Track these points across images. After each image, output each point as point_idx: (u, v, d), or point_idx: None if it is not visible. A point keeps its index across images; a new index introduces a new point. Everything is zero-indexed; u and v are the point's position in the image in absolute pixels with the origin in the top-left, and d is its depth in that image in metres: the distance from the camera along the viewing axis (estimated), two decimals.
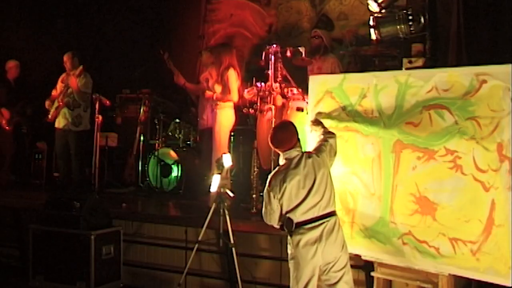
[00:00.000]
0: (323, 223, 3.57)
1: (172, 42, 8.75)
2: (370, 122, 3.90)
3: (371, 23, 4.80)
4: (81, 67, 6.80)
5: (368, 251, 3.92)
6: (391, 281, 3.97)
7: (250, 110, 5.94)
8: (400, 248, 3.72)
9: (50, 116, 7.00)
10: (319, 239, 3.55)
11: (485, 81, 3.38)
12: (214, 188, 4.61)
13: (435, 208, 3.56)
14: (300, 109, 5.65)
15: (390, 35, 4.78)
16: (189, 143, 7.43)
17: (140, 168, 7.45)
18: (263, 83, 5.76)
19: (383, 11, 4.77)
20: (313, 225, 3.56)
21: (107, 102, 6.78)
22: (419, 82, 3.68)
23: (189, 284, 5.07)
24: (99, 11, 8.90)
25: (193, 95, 7.19)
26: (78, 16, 8.91)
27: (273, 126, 5.38)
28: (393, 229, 3.75)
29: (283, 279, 4.61)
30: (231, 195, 4.70)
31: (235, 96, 6.06)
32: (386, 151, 3.81)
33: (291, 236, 3.63)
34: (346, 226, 3.95)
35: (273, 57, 5.71)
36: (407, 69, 4.51)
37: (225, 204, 4.63)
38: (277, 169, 3.77)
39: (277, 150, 3.85)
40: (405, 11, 4.66)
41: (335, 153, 3.84)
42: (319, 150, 3.78)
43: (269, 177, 3.75)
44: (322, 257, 3.57)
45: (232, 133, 6.53)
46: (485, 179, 3.36)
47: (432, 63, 4.54)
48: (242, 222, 5.16)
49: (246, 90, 5.95)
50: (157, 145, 7.34)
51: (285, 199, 3.62)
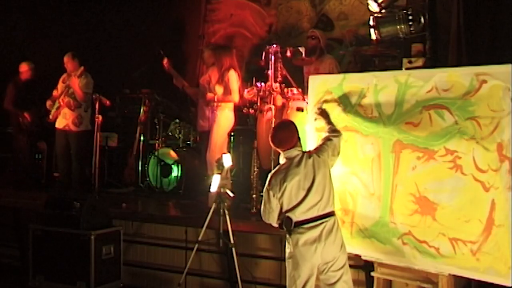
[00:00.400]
0: (322, 223, 3.58)
1: (172, 42, 8.76)
2: (370, 122, 3.90)
3: (371, 23, 4.80)
4: (82, 68, 6.82)
5: (368, 251, 3.92)
6: (391, 281, 3.97)
7: (250, 110, 5.93)
8: (400, 248, 3.72)
9: (51, 116, 7.00)
10: (318, 239, 3.55)
11: (485, 81, 3.38)
12: (214, 188, 4.61)
13: (435, 208, 3.56)
14: (300, 109, 5.64)
15: (390, 35, 4.79)
16: (189, 143, 7.43)
17: (140, 168, 7.44)
18: (263, 83, 5.76)
19: (383, 11, 4.77)
20: (312, 224, 3.57)
21: (107, 102, 6.78)
22: (419, 82, 3.68)
23: (189, 284, 5.07)
24: (99, 11, 8.90)
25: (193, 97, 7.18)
26: (78, 16, 8.91)
27: (274, 125, 5.40)
28: (393, 229, 3.75)
29: (283, 279, 4.59)
30: (231, 195, 4.70)
31: (236, 96, 6.05)
32: (385, 151, 3.81)
33: (290, 235, 3.64)
34: (346, 226, 3.95)
35: (273, 57, 5.70)
36: (407, 69, 4.51)
37: (225, 204, 4.63)
38: (277, 168, 3.78)
39: (277, 149, 3.85)
40: (405, 11, 4.66)
41: (338, 153, 3.83)
42: (320, 150, 3.78)
43: (269, 176, 3.76)
44: (321, 256, 3.58)
45: (232, 133, 6.53)
46: (485, 179, 3.36)
47: (432, 63, 4.54)
48: (242, 222, 5.16)
49: (246, 90, 5.94)
50: (157, 145, 7.34)
51: (285, 198, 3.63)
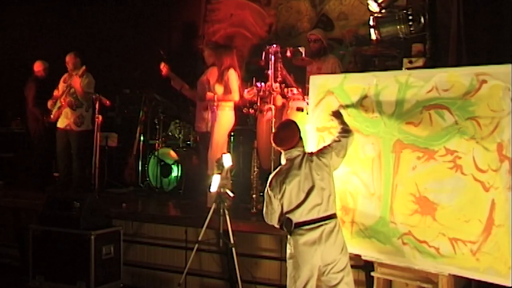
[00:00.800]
0: (323, 225, 3.56)
1: (172, 42, 8.76)
2: (370, 122, 3.90)
3: (371, 23, 4.80)
4: (84, 67, 6.82)
5: (368, 251, 3.92)
6: (391, 281, 3.97)
7: (250, 110, 5.93)
8: (400, 248, 3.72)
9: (52, 116, 7.01)
10: (318, 241, 3.54)
11: (485, 81, 3.38)
12: (214, 188, 4.61)
13: (435, 208, 3.55)
14: (300, 109, 5.65)
15: (390, 35, 4.78)
16: (189, 143, 7.42)
17: (140, 168, 7.44)
18: (263, 83, 5.76)
19: (383, 11, 4.77)
20: (312, 226, 3.56)
21: (107, 102, 6.78)
22: (420, 82, 3.68)
23: (189, 284, 5.07)
24: (99, 11, 8.90)
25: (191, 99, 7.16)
26: (78, 16, 8.91)
27: (276, 124, 5.39)
28: (393, 229, 3.75)
29: (283, 279, 4.60)
30: (231, 195, 4.70)
31: (236, 95, 6.05)
32: (386, 151, 3.81)
33: (291, 235, 3.64)
34: (346, 226, 3.95)
35: (273, 57, 5.70)
36: (407, 69, 4.51)
37: (225, 204, 4.63)
38: (278, 169, 3.77)
39: (278, 148, 3.84)
40: (405, 11, 4.66)
41: (345, 154, 3.75)
42: (323, 152, 3.73)
43: (270, 177, 3.75)
44: (321, 258, 3.57)
45: (232, 133, 6.52)
46: (485, 179, 3.36)
47: (432, 63, 4.54)
48: (242, 222, 5.15)
49: (246, 90, 5.94)
50: (157, 145, 7.33)
51: (285, 200, 3.63)
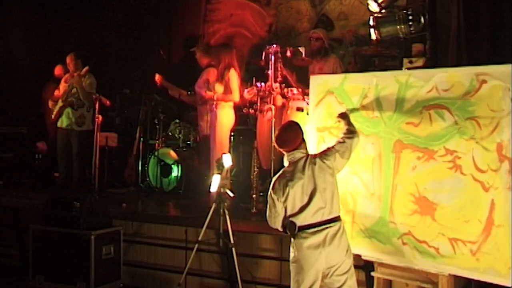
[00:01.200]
0: (326, 228, 3.53)
1: (172, 42, 8.76)
2: (370, 122, 3.90)
3: (371, 23, 4.79)
4: (86, 68, 6.83)
5: (368, 251, 3.91)
6: (391, 281, 3.97)
7: (250, 110, 5.94)
8: (400, 248, 3.71)
9: (53, 116, 7.01)
10: (322, 244, 3.51)
11: (485, 81, 3.38)
12: (214, 188, 4.61)
13: (434, 208, 3.55)
14: (300, 109, 5.65)
15: (390, 35, 4.78)
16: (189, 143, 7.42)
17: (140, 168, 7.43)
18: (263, 83, 5.76)
19: (383, 11, 4.77)
20: (316, 229, 3.53)
21: (107, 102, 6.79)
22: (420, 82, 3.68)
23: (189, 284, 5.07)
24: (99, 11, 8.90)
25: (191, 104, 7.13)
26: (78, 16, 8.91)
27: (277, 124, 5.40)
28: (393, 229, 3.75)
29: (283, 279, 4.61)
30: (231, 195, 4.70)
31: (236, 96, 6.06)
32: (386, 151, 3.81)
33: (294, 239, 3.60)
34: (346, 226, 3.92)
35: (273, 57, 5.70)
36: (407, 69, 4.51)
37: (225, 204, 4.63)
38: (281, 171, 3.73)
39: (281, 150, 3.81)
40: (405, 11, 4.66)
41: (350, 156, 3.71)
42: (326, 154, 3.68)
43: (273, 180, 3.72)
44: (325, 261, 3.54)
45: (232, 133, 6.52)
46: (485, 179, 3.36)
47: (432, 63, 4.54)
48: (242, 222, 5.14)
49: (246, 90, 5.94)
50: (157, 145, 7.33)
51: (288, 203, 3.59)
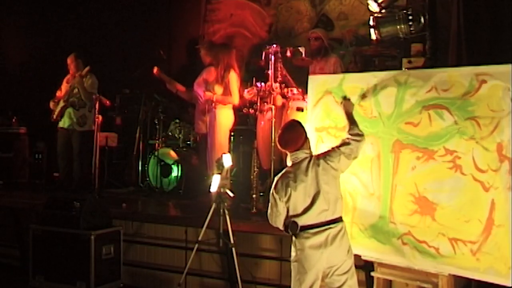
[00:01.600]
0: (328, 228, 3.52)
1: (172, 42, 8.76)
2: (369, 122, 3.89)
3: (371, 23, 4.80)
4: (87, 68, 6.84)
5: (368, 251, 3.91)
6: (391, 281, 3.97)
7: (250, 110, 5.93)
8: (400, 248, 3.71)
9: (54, 116, 7.02)
10: (324, 244, 3.50)
11: (484, 81, 3.38)
12: (214, 188, 4.61)
13: (434, 208, 3.55)
14: (300, 109, 5.64)
15: (390, 35, 4.79)
16: (189, 143, 7.42)
17: (140, 168, 7.44)
18: (263, 83, 5.75)
19: (383, 11, 4.77)
20: (318, 230, 3.51)
21: (107, 102, 6.79)
22: (419, 82, 3.68)
23: (189, 284, 5.07)
24: (99, 10, 8.90)
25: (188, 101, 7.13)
26: (78, 16, 8.91)
27: (277, 124, 5.40)
28: (393, 229, 3.75)
29: (283, 279, 4.61)
30: (231, 195, 4.70)
31: (236, 98, 6.06)
32: (385, 151, 3.81)
33: (296, 238, 3.59)
34: (346, 226, 3.94)
35: (273, 57, 5.70)
36: (407, 69, 4.51)
37: (225, 204, 4.63)
38: (284, 171, 3.70)
39: (284, 150, 3.78)
40: (405, 11, 4.66)
41: (355, 157, 3.65)
42: (330, 155, 3.62)
43: (276, 179, 3.70)
44: (326, 261, 3.53)
45: (232, 133, 6.52)
46: (485, 179, 3.36)
47: (432, 63, 4.55)
48: (242, 222, 5.14)
49: (246, 90, 5.94)
50: (157, 145, 7.33)
51: (290, 204, 3.58)
